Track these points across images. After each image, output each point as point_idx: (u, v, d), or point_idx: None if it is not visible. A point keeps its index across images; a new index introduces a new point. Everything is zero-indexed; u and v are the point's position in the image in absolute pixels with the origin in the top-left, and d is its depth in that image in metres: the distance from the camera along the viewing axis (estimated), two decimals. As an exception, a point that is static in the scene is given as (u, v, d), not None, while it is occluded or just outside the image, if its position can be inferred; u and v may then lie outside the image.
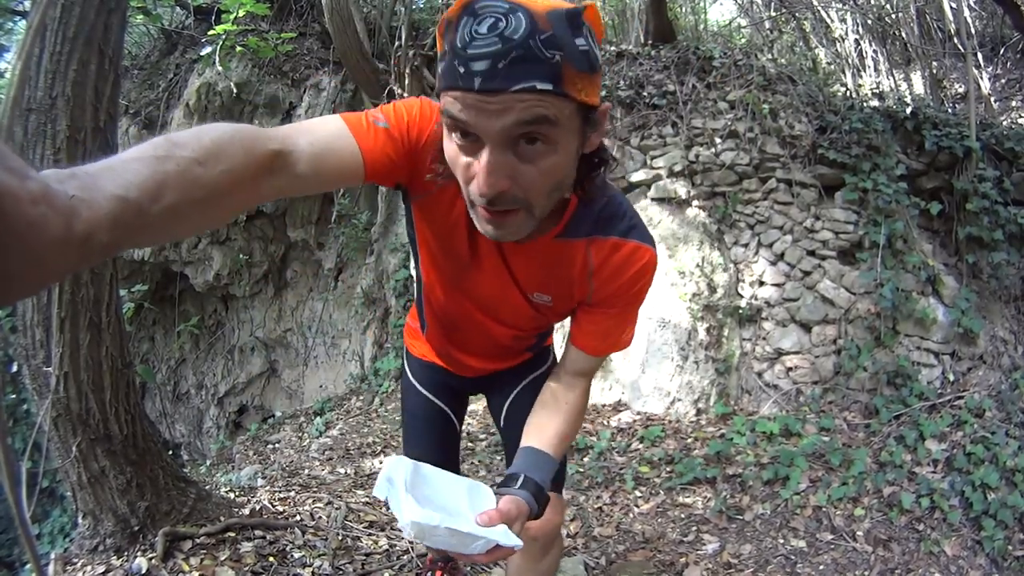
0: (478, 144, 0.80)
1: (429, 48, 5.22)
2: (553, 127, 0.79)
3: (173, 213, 0.60)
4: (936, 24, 7.51)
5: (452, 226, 1.05)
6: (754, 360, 4.16)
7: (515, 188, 0.82)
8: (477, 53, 0.74)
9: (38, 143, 2.03)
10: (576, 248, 1.06)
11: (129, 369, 2.32)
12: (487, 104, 0.75)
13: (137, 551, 2.21)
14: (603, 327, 1.15)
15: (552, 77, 0.75)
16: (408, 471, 0.96)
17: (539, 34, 0.74)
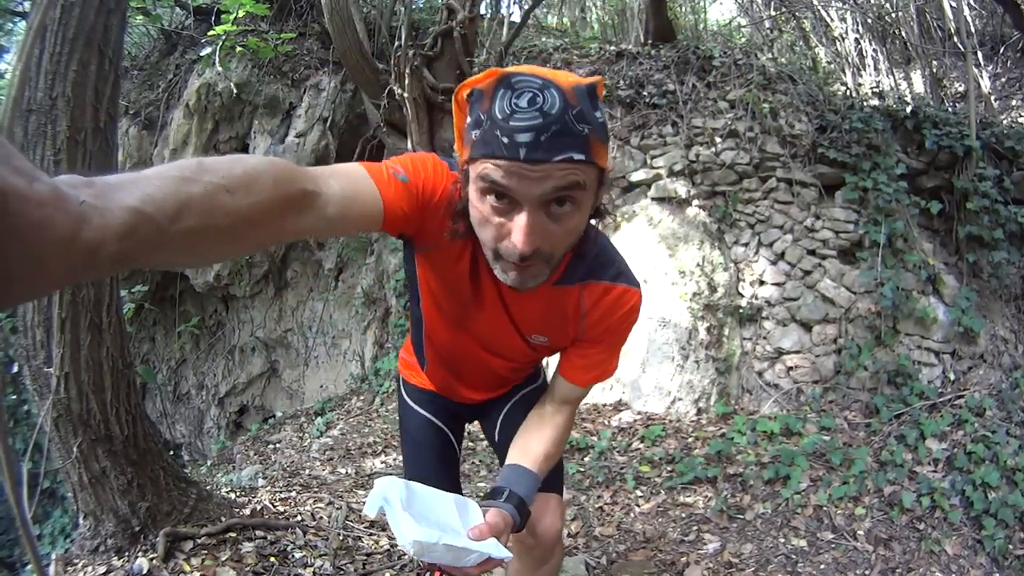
0: (513, 206, 0.89)
1: (429, 48, 5.22)
2: (582, 191, 0.90)
3: (194, 236, 0.60)
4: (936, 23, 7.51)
5: (458, 276, 1.13)
6: (755, 359, 4.16)
7: (544, 245, 0.92)
8: (521, 126, 0.83)
9: (38, 144, 2.04)
10: (571, 293, 1.15)
11: (130, 369, 2.32)
12: (530, 172, 0.84)
13: (138, 551, 2.21)
14: (591, 361, 1.25)
15: (584, 148, 0.86)
16: (402, 491, 1.00)
17: (571, 109, 0.84)
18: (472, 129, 0.90)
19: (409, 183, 0.98)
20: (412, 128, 5.16)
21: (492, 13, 6.94)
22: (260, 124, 6.24)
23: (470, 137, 0.91)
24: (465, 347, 1.32)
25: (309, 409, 6.12)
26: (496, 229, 0.92)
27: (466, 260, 1.11)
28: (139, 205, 0.53)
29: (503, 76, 0.87)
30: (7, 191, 0.39)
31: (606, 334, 1.20)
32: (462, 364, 1.40)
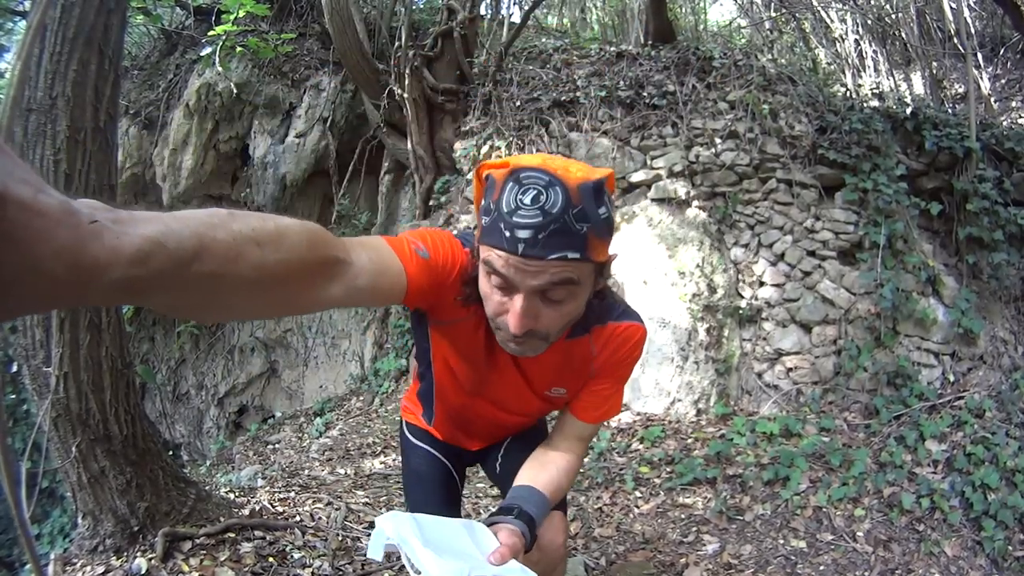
0: (512, 289, 0.96)
1: (429, 48, 5.22)
2: (575, 285, 0.97)
3: (213, 282, 0.59)
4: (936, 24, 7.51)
5: (474, 346, 1.20)
6: (754, 360, 4.16)
7: (538, 326, 0.99)
8: (521, 223, 0.90)
9: (38, 143, 2.03)
10: (581, 342, 1.21)
11: (129, 369, 2.32)
12: (526, 266, 0.92)
13: (137, 551, 2.21)
14: (599, 397, 1.30)
15: (580, 247, 0.92)
16: (412, 525, 0.97)
17: (572, 208, 0.90)
18: (484, 215, 0.98)
19: (429, 259, 1.02)
20: (412, 128, 5.16)
21: (492, 14, 6.94)
22: (260, 124, 6.24)
23: (481, 221, 0.99)
24: (478, 409, 1.37)
25: (308, 409, 6.12)
26: (497, 305, 1.00)
27: (482, 330, 1.16)
28: (157, 236, 0.52)
29: (514, 169, 0.93)
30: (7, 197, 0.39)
31: (613, 368, 1.25)
32: (474, 422, 1.45)
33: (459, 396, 1.36)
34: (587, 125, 4.56)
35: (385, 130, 5.66)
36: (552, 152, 4.62)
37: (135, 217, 0.52)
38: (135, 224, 0.51)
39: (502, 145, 4.72)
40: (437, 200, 5.09)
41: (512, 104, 4.88)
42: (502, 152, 4.71)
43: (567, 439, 1.33)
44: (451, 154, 5.11)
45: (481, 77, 5.24)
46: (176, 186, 6.19)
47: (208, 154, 6.22)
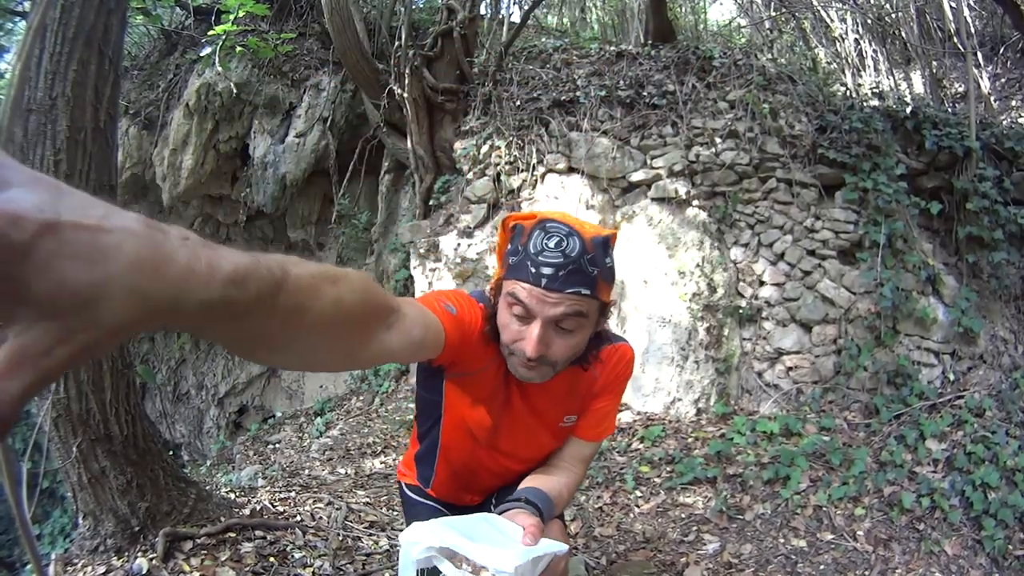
0: (530, 319, 1.14)
1: (429, 48, 5.22)
2: (584, 318, 1.15)
3: (298, 316, 0.59)
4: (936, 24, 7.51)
5: (493, 393, 1.34)
6: (754, 360, 4.16)
7: (549, 353, 1.15)
8: (546, 262, 1.10)
9: (38, 143, 2.04)
10: (581, 370, 1.34)
11: (129, 369, 2.32)
12: (547, 297, 1.11)
13: (137, 551, 2.21)
14: (600, 415, 1.44)
15: (591, 286, 1.12)
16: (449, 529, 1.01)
17: (586, 255, 1.11)
18: (511, 255, 1.17)
19: (456, 315, 1.17)
20: (412, 128, 5.16)
21: (492, 13, 6.94)
22: (260, 124, 6.24)
23: (508, 260, 1.17)
24: (486, 461, 1.45)
25: (309, 409, 6.12)
26: (515, 333, 1.16)
27: (500, 377, 1.31)
28: (250, 260, 0.51)
29: (541, 220, 1.15)
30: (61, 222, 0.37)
31: (612, 386, 1.42)
32: (479, 476, 1.51)
33: (467, 450, 1.42)
34: (587, 125, 4.56)
35: (385, 130, 5.66)
36: (552, 152, 4.62)
37: (219, 245, 0.50)
38: (225, 248, 0.50)
39: (502, 145, 4.72)
40: (437, 200, 5.09)
41: (512, 104, 4.87)
42: (502, 151, 4.71)
43: (569, 459, 1.45)
44: (451, 154, 5.11)
45: (481, 77, 5.24)
46: (176, 186, 6.19)
47: (208, 154, 6.22)
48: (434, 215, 5.07)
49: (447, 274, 4.76)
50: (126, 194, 6.64)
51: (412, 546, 0.99)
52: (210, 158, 6.25)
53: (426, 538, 0.99)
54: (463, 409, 1.36)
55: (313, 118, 6.12)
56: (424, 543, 0.98)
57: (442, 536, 0.98)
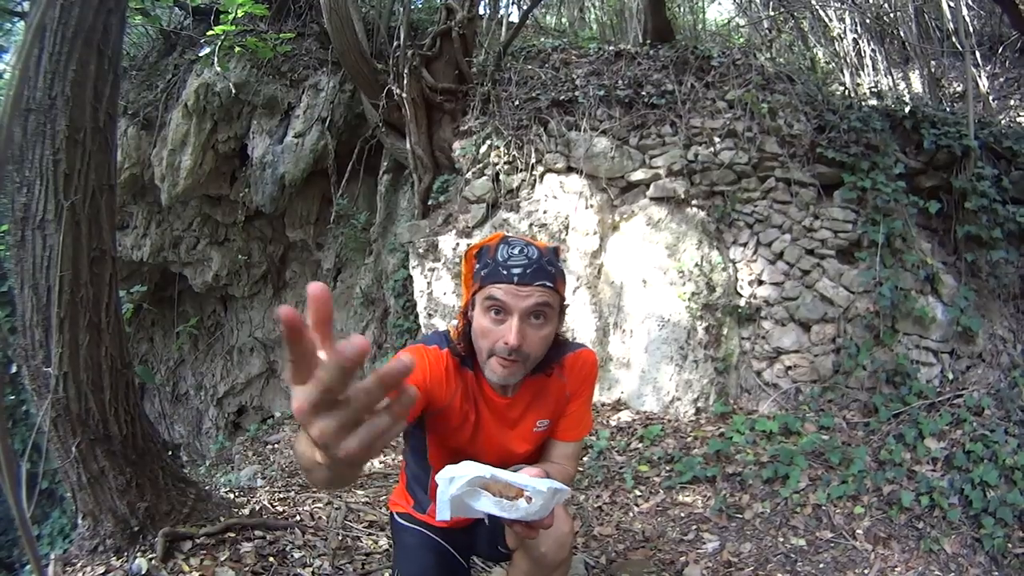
0: (506, 317, 1.36)
1: (427, 48, 5.21)
2: (551, 309, 1.39)
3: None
4: (934, 23, 7.52)
5: (463, 417, 1.51)
6: (753, 359, 4.16)
7: (525, 345, 1.36)
8: (515, 264, 1.36)
9: (37, 143, 2.03)
10: (552, 378, 1.56)
11: (128, 370, 2.32)
12: (519, 292, 1.35)
13: (137, 552, 2.21)
14: (576, 417, 1.64)
15: (552, 280, 1.39)
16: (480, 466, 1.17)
17: (543, 258, 1.39)
18: (481, 270, 1.40)
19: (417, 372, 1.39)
20: (411, 128, 5.15)
21: (491, 13, 6.93)
22: (259, 124, 6.23)
23: (479, 275, 1.40)
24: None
25: (308, 409, 6.10)
26: (494, 333, 1.37)
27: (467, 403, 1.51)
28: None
29: (503, 238, 1.42)
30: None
31: (582, 388, 1.62)
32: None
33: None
34: (586, 124, 4.56)
35: (384, 130, 5.65)
36: (551, 152, 4.62)
37: None
38: None
39: (500, 144, 4.72)
40: (436, 199, 5.09)
41: (511, 104, 4.87)
42: (501, 151, 4.71)
43: (557, 459, 1.61)
44: (450, 153, 5.11)
45: (480, 77, 5.24)
46: (175, 186, 6.18)
47: (207, 154, 6.21)
48: (433, 215, 5.07)
49: (446, 274, 4.76)
50: (125, 194, 6.63)
51: (448, 483, 1.12)
52: (209, 158, 6.24)
53: (460, 472, 1.14)
54: (444, 439, 1.53)
55: (312, 118, 6.11)
56: (460, 477, 1.12)
57: (475, 469, 1.14)
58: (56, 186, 2.05)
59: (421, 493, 1.67)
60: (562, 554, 1.49)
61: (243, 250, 7.06)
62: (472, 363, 1.51)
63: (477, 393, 1.52)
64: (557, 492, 1.15)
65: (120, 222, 6.94)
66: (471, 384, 1.51)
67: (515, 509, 1.12)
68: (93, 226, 2.15)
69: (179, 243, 7.12)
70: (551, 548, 1.45)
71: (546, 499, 1.12)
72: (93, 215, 2.14)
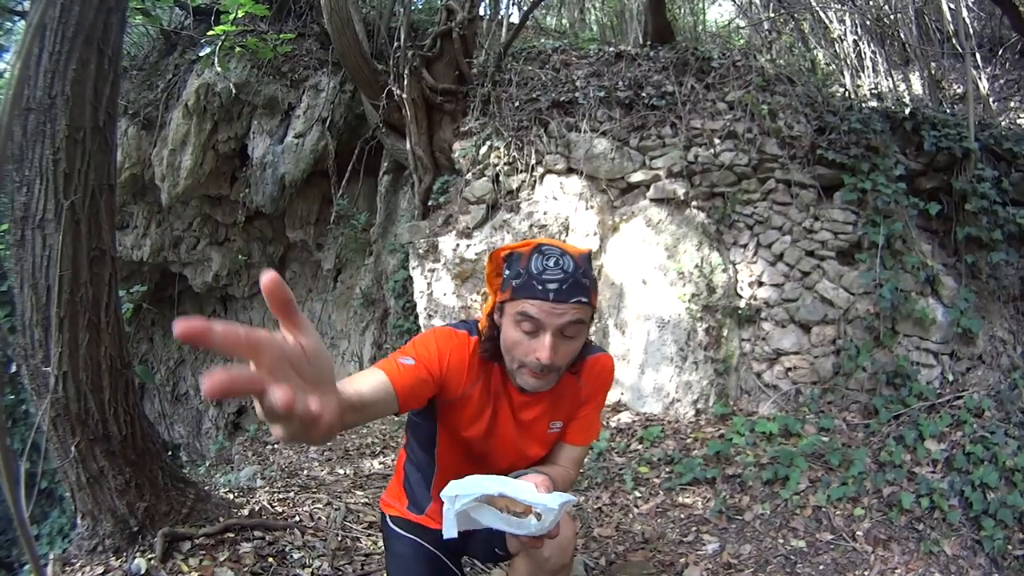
0: (539, 332, 1.30)
1: (428, 49, 5.22)
2: (584, 325, 1.34)
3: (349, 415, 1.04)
4: (935, 25, 7.53)
5: (480, 411, 1.47)
6: (753, 360, 4.16)
7: (558, 359, 1.32)
8: (551, 278, 1.28)
9: (37, 142, 2.03)
10: (569, 377, 1.51)
11: (128, 369, 2.32)
12: (555, 309, 1.28)
13: (136, 552, 2.20)
14: (587, 421, 1.60)
15: (587, 295, 1.32)
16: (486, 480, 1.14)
17: (579, 270, 1.31)
18: (512, 279, 1.33)
19: (414, 364, 1.32)
20: (411, 129, 5.16)
21: (491, 14, 6.94)
22: (259, 124, 6.24)
23: (510, 283, 1.33)
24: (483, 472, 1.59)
25: (308, 410, 6.09)
26: (526, 348, 1.32)
27: (485, 397, 1.47)
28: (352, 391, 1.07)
29: (537, 245, 1.33)
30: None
31: (597, 393, 1.59)
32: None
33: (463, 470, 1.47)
34: (586, 125, 4.57)
35: (384, 130, 5.65)
36: (551, 153, 4.62)
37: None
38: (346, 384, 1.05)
39: (500, 145, 4.72)
40: (436, 200, 5.09)
41: (511, 104, 4.88)
42: (501, 152, 4.71)
43: (563, 462, 1.58)
44: (450, 154, 5.11)
45: (480, 77, 5.24)
46: (175, 186, 6.19)
47: (207, 154, 6.22)
48: (433, 216, 5.07)
49: (446, 275, 4.75)
50: (125, 194, 6.63)
51: (453, 500, 1.11)
52: (209, 158, 6.24)
53: (465, 489, 1.11)
54: (456, 430, 1.48)
55: (312, 118, 6.12)
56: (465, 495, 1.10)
57: (482, 485, 1.11)
58: (56, 185, 2.05)
59: (421, 490, 1.64)
60: (564, 558, 1.48)
61: (243, 250, 7.07)
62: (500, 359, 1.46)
63: (500, 389, 1.48)
64: (565, 504, 1.14)
65: (120, 222, 6.94)
66: (496, 379, 1.47)
67: (524, 526, 1.11)
68: (93, 226, 2.14)
69: (179, 243, 7.12)
70: (554, 552, 1.44)
71: (556, 515, 1.11)
72: (93, 215, 2.14)
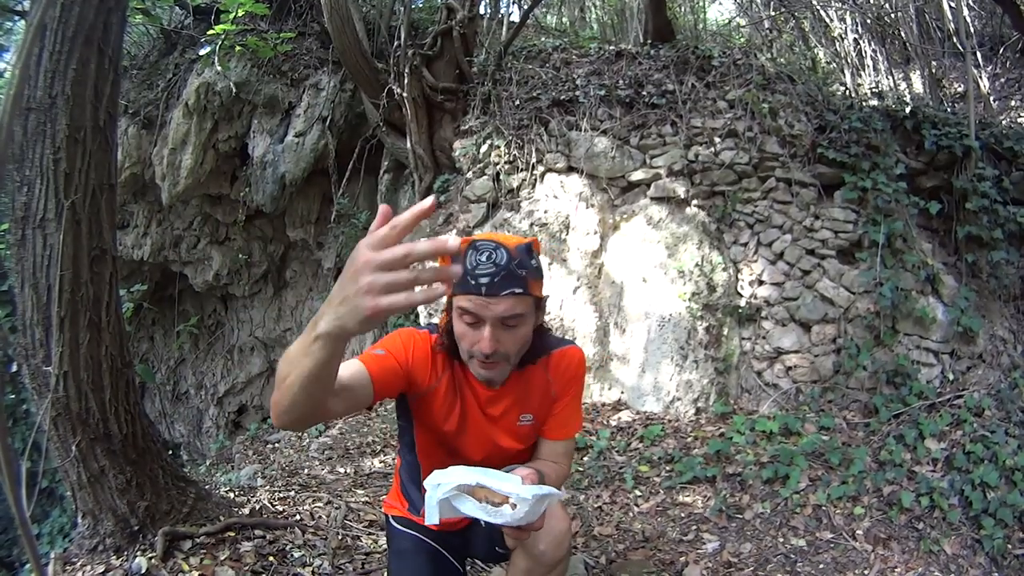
0: (480, 324, 1.35)
1: (428, 48, 5.21)
2: (523, 314, 1.37)
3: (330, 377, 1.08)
4: (935, 23, 7.52)
5: (448, 405, 1.52)
6: (753, 359, 4.16)
7: (502, 347, 1.37)
8: (482, 273, 1.31)
9: (37, 142, 2.03)
10: (535, 371, 1.56)
11: (128, 368, 2.32)
12: (488, 302, 1.32)
13: (137, 551, 2.21)
14: (565, 416, 1.62)
15: (523, 285, 1.35)
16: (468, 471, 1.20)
17: (513, 261, 1.33)
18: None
19: (384, 354, 1.42)
20: (411, 128, 5.16)
21: (491, 13, 6.93)
22: (259, 123, 6.24)
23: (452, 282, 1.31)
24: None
25: (308, 409, 6.10)
26: (471, 338, 1.38)
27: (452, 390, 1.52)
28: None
29: (472, 242, 1.35)
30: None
31: (568, 386, 1.61)
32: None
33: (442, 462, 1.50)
34: (586, 124, 4.56)
35: (384, 129, 5.65)
36: (552, 151, 4.62)
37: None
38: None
39: (501, 144, 4.72)
40: (436, 199, 5.09)
41: (511, 103, 4.87)
42: (502, 150, 4.71)
43: (549, 457, 1.61)
44: (450, 153, 5.11)
45: (480, 76, 5.24)
46: (175, 185, 6.19)
47: (207, 153, 6.21)
48: (433, 215, 5.07)
49: (446, 273, 4.75)
50: (125, 193, 6.63)
51: (435, 488, 1.14)
52: (209, 157, 6.24)
53: (447, 478, 1.15)
54: (430, 427, 1.53)
55: (312, 117, 6.11)
56: (446, 484, 1.14)
57: (463, 475, 1.15)
58: (56, 185, 2.05)
59: (415, 492, 1.66)
60: (560, 552, 1.49)
61: (243, 249, 7.06)
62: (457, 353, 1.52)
63: (464, 384, 1.52)
64: (545, 497, 1.16)
65: (121, 221, 6.94)
66: (459, 375, 1.52)
67: (500, 515, 1.13)
68: (93, 225, 2.15)
69: (179, 242, 7.12)
70: (550, 546, 1.46)
71: (532, 505, 1.13)
72: (93, 214, 2.14)
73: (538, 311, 1.46)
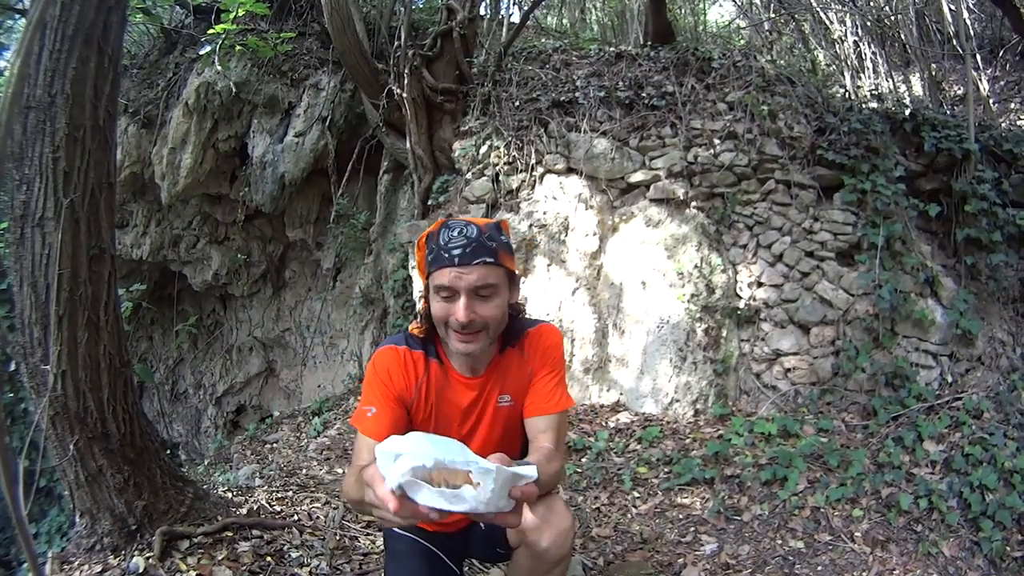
0: (455, 297, 1.41)
1: (428, 48, 5.22)
2: (496, 283, 1.44)
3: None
4: (935, 26, 7.53)
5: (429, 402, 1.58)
6: (752, 361, 4.16)
7: (478, 317, 1.42)
8: (454, 245, 1.40)
9: (37, 141, 2.03)
10: (512, 352, 1.62)
11: (127, 368, 2.31)
12: (461, 272, 1.40)
13: (134, 550, 2.20)
14: (546, 389, 1.61)
15: (494, 255, 1.43)
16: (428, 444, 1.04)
17: (483, 235, 1.43)
18: (428, 255, 1.47)
19: (376, 412, 1.49)
20: (411, 128, 5.15)
21: (492, 14, 6.94)
22: (259, 123, 6.23)
23: (428, 260, 1.46)
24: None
25: (306, 409, 6.11)
26: (447, 311, 1.43)
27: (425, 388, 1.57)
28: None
29: (444, 222, 1.45)
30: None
31: (544, 358, 1.62)
32: None
33: None
34: (586, 125, 4.57)
35: (384, 130, 5.65)
36: (551, 153, 4.62)
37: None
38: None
39: (500, 145, 4.72)
40: (436, 200, 5.09)
41: (511, 104, 4.87)
42: (501, 151, 4.71)
43: (536, 437, 1.57)
44: (450, 154, 5.11)
45: (480, 77, 5.24)
46: (175, 185, 6.18)
47: (207, 153, 6.21)
48: (433, 215, 5.06)
49: (446, 274, 4.75)
50: (125, 192, 6.62)
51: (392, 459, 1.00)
52: (209, 157, 6.24)
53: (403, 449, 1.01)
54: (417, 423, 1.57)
55: (312, 117, 6.11)
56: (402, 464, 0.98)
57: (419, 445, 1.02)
58: (56, 184, 2.05)
59: None
60: (563, 550, 1.49)
61: (243, 249, 7.06)
62: (436, 351, 1.58)
63: (441, 376, 1.57)
64: (514, 476, 1.01)
65: (120, 220, 6.94)
66: (435, 369, 1.57)
67: (460, 500, 0.98)
68: (92, 224, 2.14)
69: (179, 242, 7.12)
70: (553, 543, 1.45)
71: (497, 483, 0.98)
72: (92, 213, 2.14)
73: (512, 287, 1.52)
